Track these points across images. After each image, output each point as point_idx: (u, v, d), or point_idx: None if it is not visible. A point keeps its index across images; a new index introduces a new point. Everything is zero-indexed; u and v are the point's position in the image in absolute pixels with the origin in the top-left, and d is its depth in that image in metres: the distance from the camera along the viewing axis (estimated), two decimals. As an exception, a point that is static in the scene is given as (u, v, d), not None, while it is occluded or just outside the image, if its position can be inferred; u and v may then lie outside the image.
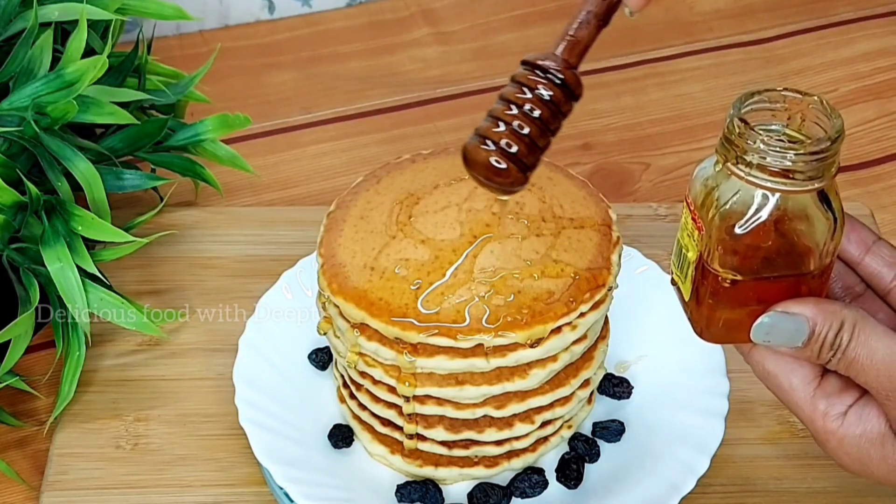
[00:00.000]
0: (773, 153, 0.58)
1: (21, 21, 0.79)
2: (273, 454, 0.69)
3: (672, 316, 0.76)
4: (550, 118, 0.62)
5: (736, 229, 0.59)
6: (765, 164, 0.58)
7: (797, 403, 0.62)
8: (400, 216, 0.69)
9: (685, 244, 0.62)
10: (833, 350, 0.60)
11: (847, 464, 0.62)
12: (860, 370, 0.60)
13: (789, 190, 0.58)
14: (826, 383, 0.62)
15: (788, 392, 0.62)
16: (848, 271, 0.65)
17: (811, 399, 0.62)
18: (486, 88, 1.04)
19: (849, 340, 0.60)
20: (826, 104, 0.60)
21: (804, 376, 0.62)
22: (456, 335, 0.64)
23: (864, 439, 0.61)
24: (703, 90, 1.04)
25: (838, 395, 0.61)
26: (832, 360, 0.60)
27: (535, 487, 0.70)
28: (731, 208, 0.59)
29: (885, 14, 1.11)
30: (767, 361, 0.62)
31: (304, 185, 0.95)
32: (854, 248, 0.64)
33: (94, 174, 0.77)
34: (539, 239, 0.67)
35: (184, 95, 0.87)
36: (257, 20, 1.10)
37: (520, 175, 0.61)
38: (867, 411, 0.61)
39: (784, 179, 0.58)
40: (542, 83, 0.63)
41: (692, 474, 0.69)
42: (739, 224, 0.59)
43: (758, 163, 0.58)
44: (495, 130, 0.62)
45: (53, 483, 0.72)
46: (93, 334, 0.76)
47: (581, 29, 0.64)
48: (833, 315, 0.60)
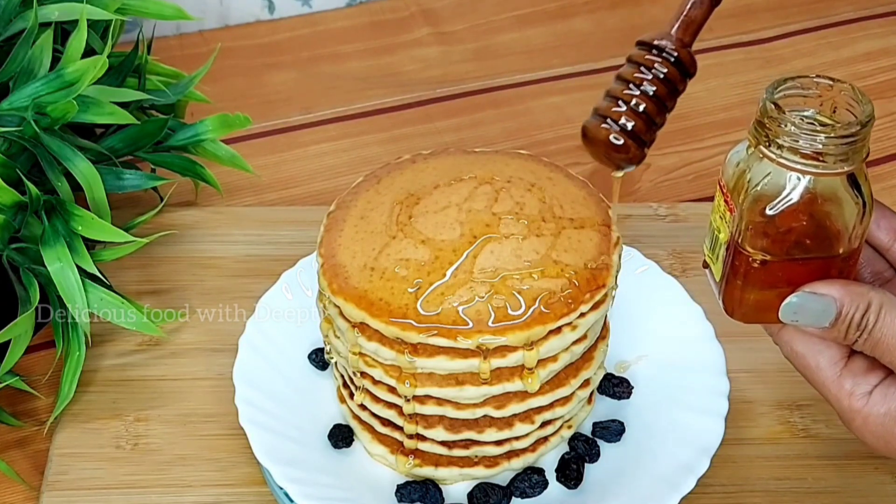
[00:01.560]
0: (804, 136, 0.59)
1: (21, 21, 0.79)
2: (273, 454, 0.69)
3: (672, 316, 0.77)
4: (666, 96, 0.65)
5: (767, 211, 0.61)
6: (796, 146, 0.59)
7: (824, 383, 0.64)
8: (400, 216, 0.69)
9: (717, 226, 0.64)
10: (859, 331, 0.61)
11: (871, 442, 0.64)
12: (885, 350, 0.61)
13: (820, 172, 0.59)
14: (852, 364, 0.63)
15: (815, 371, 0.64)
16: (877, 257, 0.66)
17: (838, 378, 0.63)
18: (486, 88, 1.04)
19: (875, 321, 0.61)
20: (857, 90, 0.61)
21: (831, 357, 0.63)
22: (456, 336, 0.64)
23: (888, 417, 0.62)
24: (703, 90, 1.04)
25: (864, 375, 0.63)
26: (858, 341, 0.62)
27: (535, 487, 0.70)
28: (762, 190, 0.60)
29: (886, 14, 1.11)
30: (795, 342, 0.64)
31: (305, 185, 0.95)
32: (884, 235, 0.66)
33: (94, 174, 0.77)
34: (539, 239, 0.67)
35: (184, 95, 0.87)
36: (257, 20, 1.11)
37: (638, 151, 0.63)
38: (892, 391, 0.62)
39: (815, 162, 0.59)
40: (658, 62, 0.65)
41: (692, 474, 0.68)
42: (770, 206, 0.60)
43: (789, 145, 0.59)
44: (615, 109, 0.65)
45: (53, 483, 0.72)
46: (93, 334, 0.76)
47: (694, 8, 0.67)
48: (860, 296, 0.61)
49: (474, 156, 0.73)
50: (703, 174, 0.97)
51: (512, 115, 1.02)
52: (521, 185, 0.70)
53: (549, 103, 1.03)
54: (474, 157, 0.73)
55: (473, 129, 1.00)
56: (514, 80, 1.05)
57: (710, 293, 0.82)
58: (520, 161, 0.72)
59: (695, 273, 0.85)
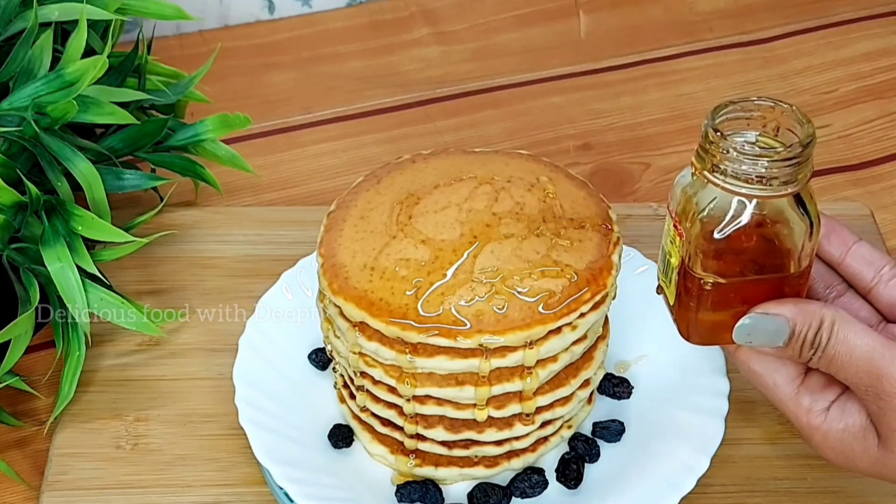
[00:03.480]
0: (746, 161, 0.59)
1: (21, 21, 0.79)
2: (273, 454, 0.69)
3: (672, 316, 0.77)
4: None
5: (715, 235, 0.61)
6: (739, 171, 0.59)
7: (782, 400, 0.64)
8: (400, 216, 0.69)
9: (669, 250, 0.64)
10: (813, 349, 0.61)
11: (832, 458, 0.64)
12: (840, 367, 0.61)
13: (765, 195, 0.60)
14: (809, 381, 0.63)
15: (773, 390, 0.64)
16: (830, 271, 0.66)
17: (795, 396, 0.63)
18: (486, 88, 1.04)
19: (828, 339, 0.61)
20: (798, 111, 0.61)
21: (787, 374, 0.63)
22: (456, 336, 0.64)
23: (846, 433, 0.62)
24: (703, 90, 1.04)
25: (821, 391, 0.63)
26: (813, 359, 0.62)
27: (535, 487, 0.70)
28: (709, 215, 0.61)
29: (886, 14, 1.11)
30: (752, 361, 0.64)
31: (304, 185, 0.95)
32: (835, 249, 0.66)
33: (94, 174, 0.77)
34: (539, 239, 0.67)
35: (184, 95, 0.87)
36: (257, 20, 1.11)
37: None
38: (849, 406, 0.62)
39: (759, 186, 0.59)
40: None
41: (692, 474, 0.69)
42: (718, 229, 0.61)
43: (732, 171, 0.59)
44: None
45: (53, 483, 0.72)
46: (93, 334, 0.76)
47: None
48: (812, 315, 0.61)
49: (474, 156, 0.73)
50: (703, 174, 0.96)
51: (512, 115, 1.02)
52: (522, 185, 0.70)
53: (549, 103, 1.03)
54: (474, 157, 0.73)
55: (473, 129, 1.00)
56: (514, 80, 1.05)
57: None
58: (520, 161, 0.72)
59: (695, 273, 0.84)
